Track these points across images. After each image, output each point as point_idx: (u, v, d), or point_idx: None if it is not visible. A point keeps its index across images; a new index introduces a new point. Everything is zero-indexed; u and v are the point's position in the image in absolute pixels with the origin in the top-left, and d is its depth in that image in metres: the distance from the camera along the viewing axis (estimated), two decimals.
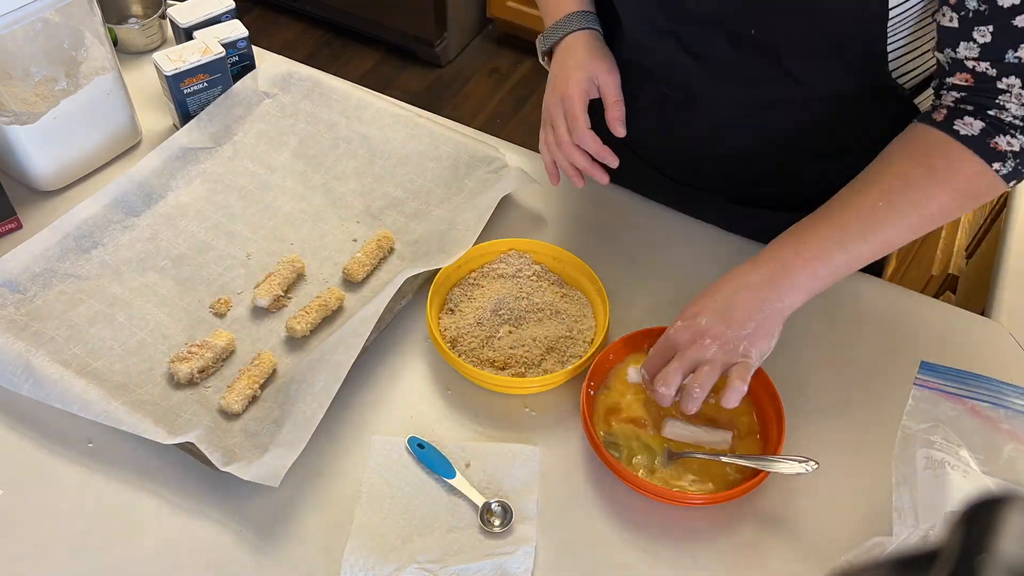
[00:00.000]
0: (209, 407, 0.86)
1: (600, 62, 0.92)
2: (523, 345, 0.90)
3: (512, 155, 1.11)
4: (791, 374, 0.89)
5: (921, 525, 0.70)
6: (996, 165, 0.78)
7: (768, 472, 0.80)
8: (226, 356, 0.90)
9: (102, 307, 0.92)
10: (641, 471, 0.82)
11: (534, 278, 0.96)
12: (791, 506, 0.82)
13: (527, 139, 1.14)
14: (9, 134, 0.98)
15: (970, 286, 1.36)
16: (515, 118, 2.62)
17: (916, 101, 0.92)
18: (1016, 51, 0.75)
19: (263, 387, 0.88)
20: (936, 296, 1.21)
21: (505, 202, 1.06)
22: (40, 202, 1.05)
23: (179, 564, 0.77)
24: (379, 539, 0.78)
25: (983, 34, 0.75)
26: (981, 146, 0.78)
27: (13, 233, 1.01)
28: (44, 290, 0.93)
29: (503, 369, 0.89)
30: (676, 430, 0.84)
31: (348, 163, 1.09)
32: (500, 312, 0.92)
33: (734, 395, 0.76)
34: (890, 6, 0.77)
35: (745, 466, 0.81)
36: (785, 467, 0.79)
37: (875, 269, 1.06)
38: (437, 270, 0.94)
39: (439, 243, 0.98)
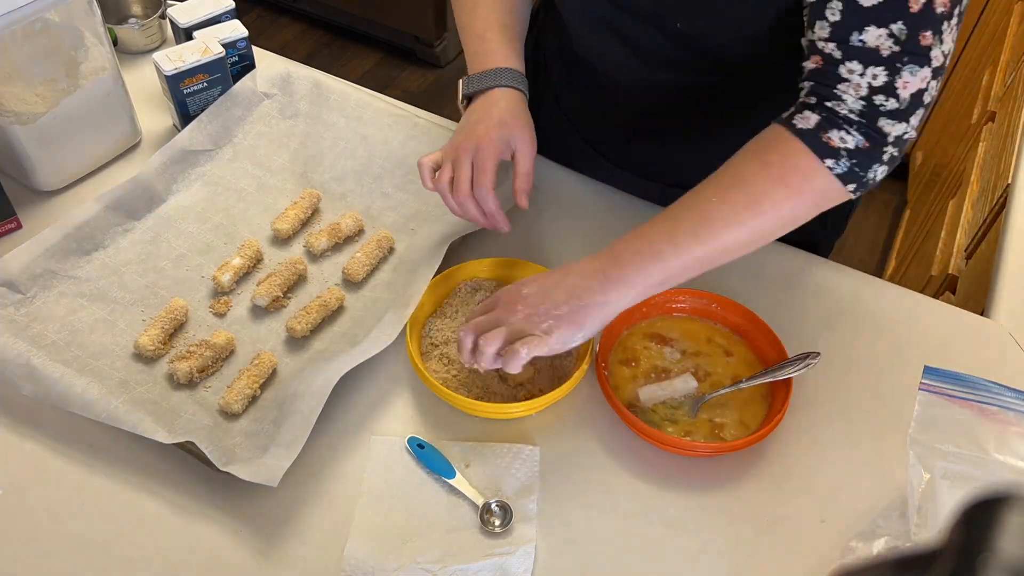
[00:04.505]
0: (209, 407, 0.86)
1: (523, 129, 0.91)
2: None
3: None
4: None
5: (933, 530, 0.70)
6: (829, 162, 0.75)
7: (778, 420, 0.83)
8: (226, 356, 0.90)
9: (103, 314, 0.92)
10: (670, 431, 0.85)
11: None
12: (792, 505, 0.82)
13: None
14: (9, 134, 0.98)
15: (970, 286, 1.36)
16: None
17: None
18: (861, 33, 0.72)
19: (263, 387, 0.88)
20: (936, 296, 1.21)
21: None
22: (40, 202, 1.05)
23: (179, 564, 0.77)
24: (379, 539, 0.78)
25: (833, 12, 0.73)
26: (814, 140, 0.75)
27: (13, 233, 1.01)
28: (44, 291, 0.93)
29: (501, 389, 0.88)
30: (649, 394, 0.87)
31: (347, 163, 1.09)
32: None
33: (513, 361, 0.76)
34: None
35: (760, 384, 0.87)
36: (791, 370, 0.85)
37: (875, 270, 1.06)
38: (439, 271, 0.94)
39: (435, 247, 0.96)
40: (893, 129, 0.75)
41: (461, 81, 0.95)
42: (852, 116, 0.75)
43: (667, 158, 1.04)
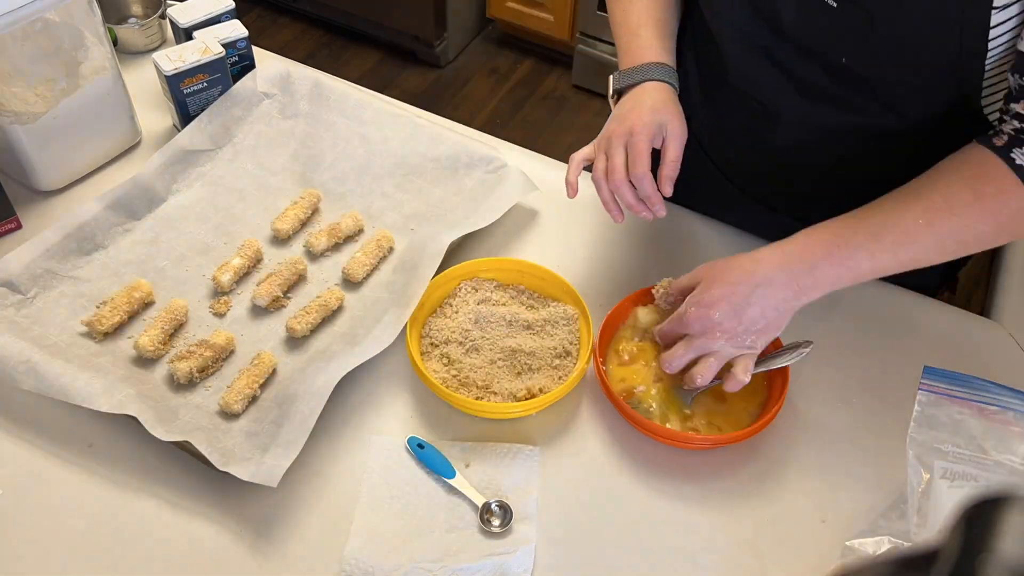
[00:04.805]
0: (208, 407, 0.86)
1: (675, 116, 0.89)
2: (514, 371, 0.89)
3: (511, 155, 1.11)
4: (792, 373, 0.89)
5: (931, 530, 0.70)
6: None
7: (776, 411, 0.83)
8: (226, 356, 0.90)
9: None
10: (668, 424, 0.85)
11: (508, 303, 0.95)
12: (792, 505, 0.82)
13: (526, 139, 1.14)
14: (9, 134, 0.98)
15: (970, 286, 1.36)
16: (514, 118, 2.62)
17: None
18: None
19: (263, 387, 0.88)
20: (936, 296, 1.21)
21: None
22: (40, 202, 1.05)
23: (179, 564, 0.77)
24: (379, 539, 0.78)
25: None
26: None
27: (13, 233, 1.01)
28: (45, 291, 0.93)
29: (490, 391, 0.87)
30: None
31: (347, 163, 1.09)
32: (480, 336, 0.91)
33: (735, 385, 0.81)
34: (989, 39, 0.75)
35: (757, 376, 0.86)
36: (784, 359, 0.85)
37: None
38: (439, 270, 0.94)
39: (435, 247, 0.96)
40: None
41: (612, 77, 0.94)
42: None
43: (807, 193, 1.01)
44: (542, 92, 2.71)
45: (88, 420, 0.85)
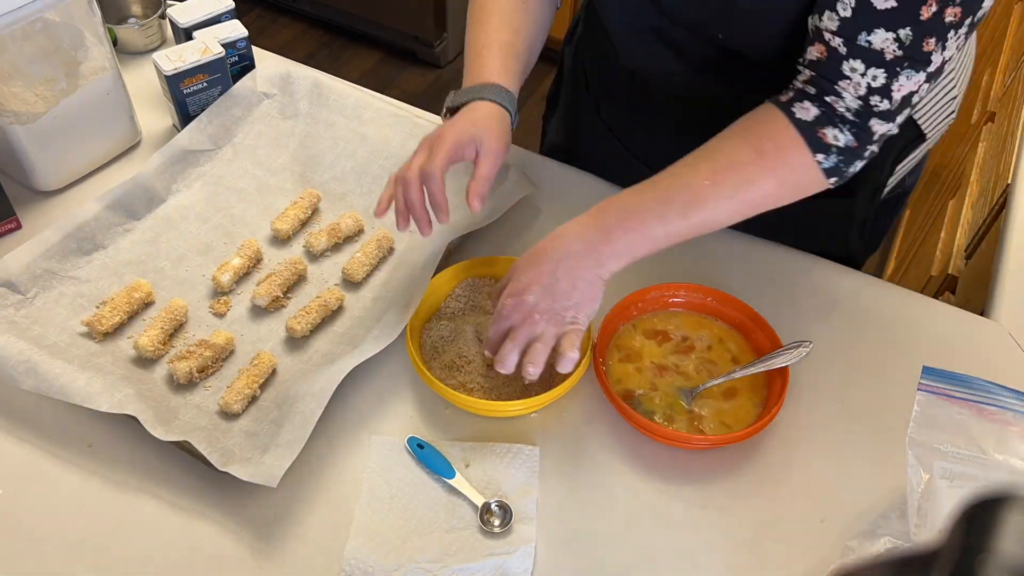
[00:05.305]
0: (208, 407, 0.86)
1: (492, 132, 0.87)
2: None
3: (511, 155, 1.11)
4: (792, 373, 0.89)
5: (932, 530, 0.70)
6: (819, 157, 0.78)
7: (775, 413, 0.83)
8: (226, 356, 0.90)
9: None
10: (665, 423, 0.85)
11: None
12: (792, 505, 0.82)
13: (525, 139, 1.14)
14: (9, 134, 0.98)
15: (970, 286, 1.36)
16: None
17: None
18: (869, 34, 0.72)
19: (263, 387, 0.88)
20: (936, 296, 1.21)
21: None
22: (40, 202, 1.05)
23: (179, 564, 0.77)
24: (379, 539, 0.78)
25: (844, 6, 0.73)
26: (810, 134, 0.77)
27: (13, 233, 1.01)
28: (44, 292, 0.93)
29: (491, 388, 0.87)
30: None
31: (347, 163, 1.09)
32: (480, 339, 0.91)
33: (568, 364, 0.79)
34: None
35: (757, 376, 0.88)
36: (784, 359, 0.86)
37: (875, 270, 1.06)
38: (438, 270, 0.94)
39: (435, 247, 0.97)
40: (880, 128, 0.77)
41: (449, 95, 0.93)
42: (848, 115, 0.77)
43: None
44: (542, 92, 2.70)
45: (88, 420, 0.85)
